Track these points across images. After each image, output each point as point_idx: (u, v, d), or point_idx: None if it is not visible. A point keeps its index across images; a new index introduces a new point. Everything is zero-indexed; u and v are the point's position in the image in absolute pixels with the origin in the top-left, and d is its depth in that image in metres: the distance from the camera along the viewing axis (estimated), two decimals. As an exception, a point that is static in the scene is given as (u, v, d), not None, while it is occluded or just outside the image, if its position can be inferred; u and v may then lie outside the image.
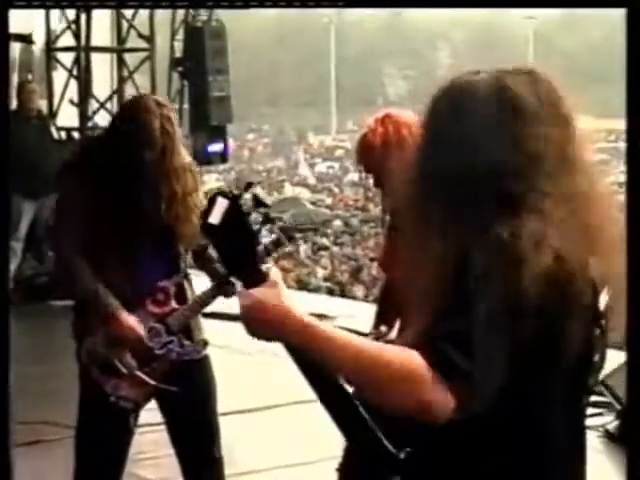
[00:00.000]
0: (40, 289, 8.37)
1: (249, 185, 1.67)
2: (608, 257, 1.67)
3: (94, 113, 9.09)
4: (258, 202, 1.65)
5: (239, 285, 1.66)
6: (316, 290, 13.36)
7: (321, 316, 7.85)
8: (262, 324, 1.63)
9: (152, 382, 3.35)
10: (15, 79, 10.06)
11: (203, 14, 9.74)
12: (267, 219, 1.67)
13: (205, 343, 3.51)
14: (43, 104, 9.01)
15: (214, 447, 3.54)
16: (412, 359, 1.53)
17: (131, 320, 3.31)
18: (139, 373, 3.33)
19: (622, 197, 1.99)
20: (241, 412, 5.63)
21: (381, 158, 3.15)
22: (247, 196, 1.64)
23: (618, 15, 3.32)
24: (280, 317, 1.62)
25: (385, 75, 51.35)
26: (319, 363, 1.61)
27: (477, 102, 1.67)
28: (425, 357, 1.53)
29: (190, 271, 3.55)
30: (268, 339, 1.65)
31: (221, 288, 3.42)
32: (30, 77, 9.87)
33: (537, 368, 1.61)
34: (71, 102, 9.07)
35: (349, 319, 7.18)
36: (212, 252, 3.42)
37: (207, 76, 9.44)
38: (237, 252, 1.65)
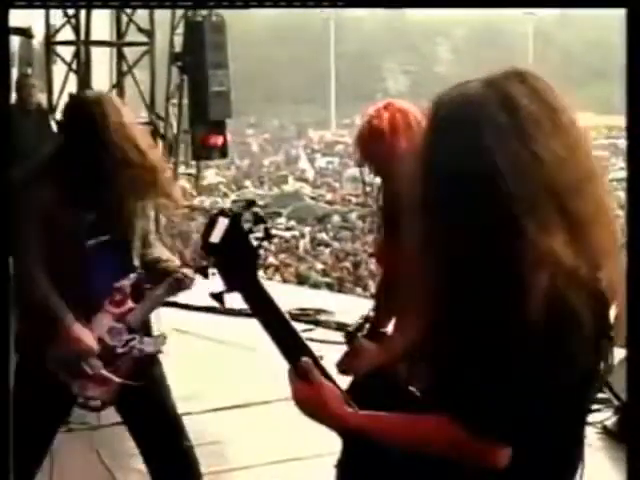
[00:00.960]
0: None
1: (250, 204, 1.70)
2: (612, 269, 1.66)
3: (93, 107, 9.08)
4: (258, 219, 1.69)
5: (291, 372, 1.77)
6: (315, 285, 13.37)
7: (320, 311, 7.85)
8: (316, 416, 1.77)
9: (118, 380, 3.42)
10: (15, 73, 10.05)
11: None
12: (267, 234, 1.70)
13: (164, 337, 3.57)
14: (43, 98, 9.00)
15: (182, 437, 3.57)
16: (446, 430, 1.62)
17: (82, 333, 3.37)
18: (105, 372, 3.40)
19: (621, 194, 1.99)
20: (234, 407, 5.64)
21: (389, 144, 3.07)
22: (247, 215, 1.68)
23: (617, 12, 3.32)
24: (332, 416, 1.74)
25: (385, 70, 51.31)
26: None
27: (481, 113, 1.62)
28: (455, 419, 1.61)
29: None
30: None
31: (175, 284, 3.49)
32: (29, 71, 9.86)
33: (545, 379, 1.61)
34: (70, 96, 9.06)
35: (347, 314, 7.17)
36: (156, 253, 3.51)
37: (207, 71, 9.42)
38: (238, 269, 1.70)
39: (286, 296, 7.95)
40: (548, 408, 1.63)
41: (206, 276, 3.41)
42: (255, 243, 1.68)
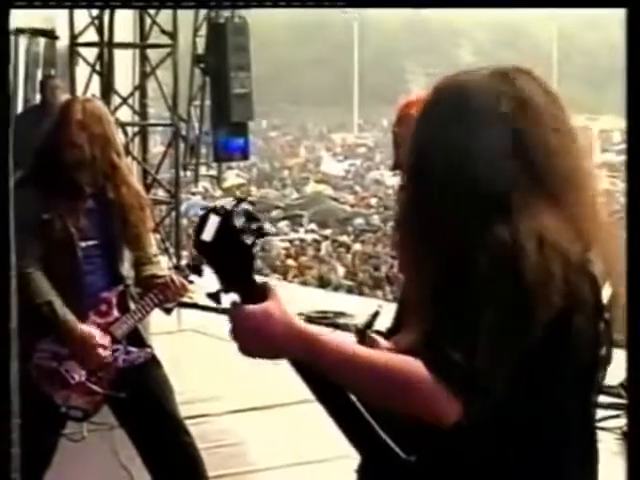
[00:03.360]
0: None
1: (240, 200, 1.67)
2: (606, 252, 1.68)
3: (116, 109, 9.11)
4: (250, 217, 1.66)
5: (229, 300, 1.65)
6: (336, 288, 13.35)
7: (340, 314, 7.84)
8: (265, 340, 1.63)
9: (100, 390, 3.44)
10: (39, 74, 10.11)
11: (226, 11, 9.76)
12: (260, 233, 1.67)
13: (150, 348, 3.59)
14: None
15: (180, 433, 3.58)
16: (415, 368, 1.55)
17: (88, 329, 3.41)
18: (87, 383, 3.42)
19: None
20: (254, 409, 5.64)
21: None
22: (239, 211, 1.64)
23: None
24: (286, 330, 1.61)
25: (408, 72, 51.22)
26: (324, 374, 1.62)
27: (480, 101, 1.66)
28: (425, 362, 1.54)
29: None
30: (269, 356, 1.66)
31: (160, 293, 3.51)
32: (53, 72, 9.91)
33: (545, 365, 1.61)
34: (93, 97, 9.09)
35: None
36: (153, 269, 3.50)
37: (229, 73, 9.45)
38: (232, 268, 1.65)
39: (306, 299, 8.00)
40: (545, 387, 1.62)
41: (200, 274, 3.44)
42: (249, 241, 1.64)
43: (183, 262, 3.77)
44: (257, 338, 1.63)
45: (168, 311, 3.69)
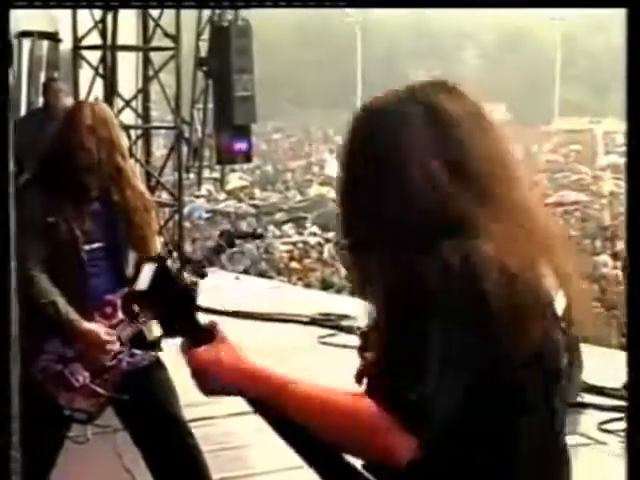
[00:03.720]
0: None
1: (171, 251, 1.68)
2: (557, 260, 1.66)
3: (119, 111, 9.12)
4: (187, 260, 1.67)
5: (184, 343, 1.66)
6: (339, 290, 13.35)
7: (343, 316, 7.84)
8: (213, 381, 1.66)
9: (104, 393, 3.45)
10: (42, 77, 10.12)
11: (229, 13, 9.77)
12: (201, 275, 1.68)
13: (157, 350, 3.55)
14: (69, 102, 9.05)
15: (184, 436, 3.57)
16: (363, 405, 1.53)
17: (93, 326, 3.42)
18: (92, 385, 3.43)
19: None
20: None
21: None
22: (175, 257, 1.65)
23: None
24: (233, 371, 1.64)
25: (412, 74, 51.25)
26: (278, 413, 1.63)
27: (406, 124, 1.62)
28: (375, 397, 1.52)
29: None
30: (223, 394, 1.68)
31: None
32: (56, 75, 9.92)
33: (500, 380, 1.58)
34: (96, 100, 9.11)
35: (371, 320, 7.15)
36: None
37: (231, 75, 9.46)
38: (172, 313, 1.65)
39: (310, 301, 7.98)
40: (505, 398, 1.59)
41: (202, 277, 3.45)
42: (186, 284, 1.65)
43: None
44: (205, 378, 1.66)
45: None
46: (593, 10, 36.15)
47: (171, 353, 3.61)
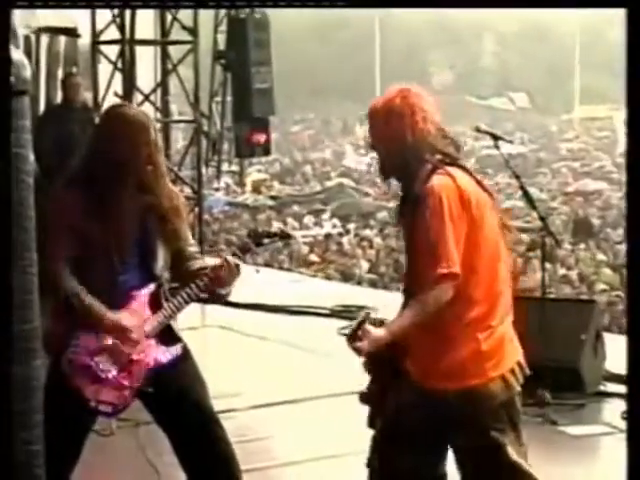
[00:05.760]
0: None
1: None
2: None
3: (139, 106, 9.14)
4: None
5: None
6: (359, 282, 13.34)
7: (363, 308, 7.83)
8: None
9: (130, 385, 3.48)
10: (60, 72, 10.16)
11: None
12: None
13: (181, 346, 3.58)
14: (88, 97, 9.08)
15: (213, 426, 3.57)
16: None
17: (119, 315, 3.46)
18: (118, 378, 3.47)
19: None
20: (279, 404, 5.65)
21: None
22: None
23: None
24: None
25: (430, 65, 51.04)
26: None
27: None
28: None
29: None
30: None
31: (216, 280, 3.52)
32: (75, 70, 9.95)
33: None
34: (116, 94, 9.14)
35: (390, 311, 7.14)
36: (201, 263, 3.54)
37: (250, 68, 9.45)
38: None
39: (330, 293, 7.96)
40: None
41: (248, 251, 3.50)
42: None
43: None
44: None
45: (223, 298, 3.69)
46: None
47: (190, 345, 3.63)
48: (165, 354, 3.53)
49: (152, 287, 3.53)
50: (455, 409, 3.01)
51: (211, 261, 3.63)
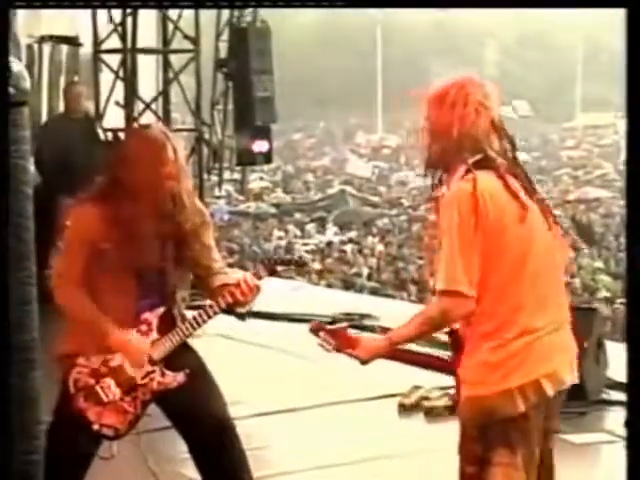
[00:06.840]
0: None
1: None
2: None
3: (140, 114, 9.16)
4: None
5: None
6: (361, 290, 13.33)
7: (365, 316, 7.82)
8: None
9: (134, 411, 3.47)
10: (62, 81, 10.17)
11: (248, 15, 9.78)
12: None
13: (186, 372, 3.54)
14: (90, 106, 9.09)
15: (227, 436, 3.56)
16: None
17: (128, 335, 3.44)
18: (121, 402, 3.45)
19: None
20: (279, 412, 5.64)
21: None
22: None
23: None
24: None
25: (432, 73, 51.08)
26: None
27: None
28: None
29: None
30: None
31: (231, 299, 3.47)
32: (76, 79, 9.97)
33: None
34: (117, 103, 9.14)
35: (393, 319, 7.14)
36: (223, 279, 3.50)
37: (251, 76, 9.46)
38: None
39: (331, 301, 7.94)
40: None
41: (260, 279, 3.46)
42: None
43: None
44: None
45: (241, 317, 3.68)
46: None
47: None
48: (170, 381, 3.49)
49: (161, 310, 3.50)
50: (460, 416, 2.97)
51: (233, 277, 3.57)
